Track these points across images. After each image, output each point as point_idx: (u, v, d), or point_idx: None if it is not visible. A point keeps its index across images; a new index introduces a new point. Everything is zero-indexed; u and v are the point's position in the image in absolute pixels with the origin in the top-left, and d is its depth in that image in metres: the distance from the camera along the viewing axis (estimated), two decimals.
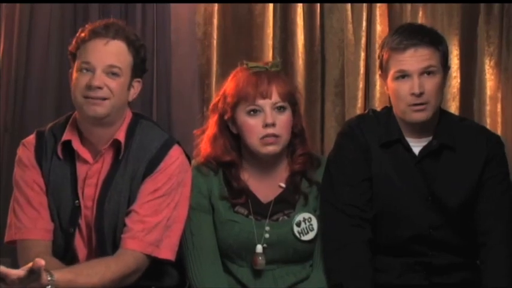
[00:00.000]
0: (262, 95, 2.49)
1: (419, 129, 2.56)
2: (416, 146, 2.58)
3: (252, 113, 2.51)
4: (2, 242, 2.57)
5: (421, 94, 2.49)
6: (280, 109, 2.52)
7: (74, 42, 2.46)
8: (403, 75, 2.50)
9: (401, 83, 2.51)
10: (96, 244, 2.46)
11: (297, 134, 2.60)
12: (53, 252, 2.46)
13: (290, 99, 2.54)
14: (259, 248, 2.52)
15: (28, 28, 3.63)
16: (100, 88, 2.38)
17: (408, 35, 2.51)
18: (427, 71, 2.50)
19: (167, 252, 2.44)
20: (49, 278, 2.15)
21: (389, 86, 2.55)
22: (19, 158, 2.52)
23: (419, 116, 2.51)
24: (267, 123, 2.49)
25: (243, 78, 2.53)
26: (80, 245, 2.48)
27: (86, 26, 2.48)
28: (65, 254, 2.47)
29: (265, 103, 2.50)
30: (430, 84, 2.50)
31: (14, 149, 2.65)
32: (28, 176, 2.49)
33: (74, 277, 2.26)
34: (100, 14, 3.53)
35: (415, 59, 2.49)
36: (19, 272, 2.07)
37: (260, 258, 2.52)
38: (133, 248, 2.39)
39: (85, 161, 2.47)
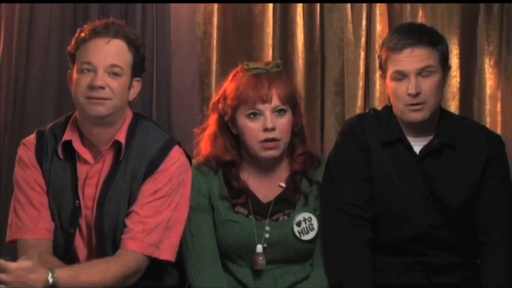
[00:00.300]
0: (262, 100, 2.49)
1: (419, 128, 2.56)
2: (417, 145, 2.58)
3: (252, 116, 2.50)
4: (2, 242, 2.57)
5: (417, 94, 2.48)
6: (281, 112, 2.51)
7: (73, 42, 2.45)
8: (400, 75, 2.50)
9: (399, 83, 2.51)
10: (96, 244, 2.46)
11: (297, 133, 2.59)
12: (54, 252, 2.47)
13: (290, 101, 2.54)
14: (259, 248, 2.52)
15: (28, 28, 3.62)
16: (102, 88, 2.38)
17: (406, 34, 2.51)
18: (424, 71, 2.50)
19: (167, 253, 2.44)
20: (50, 274, 2.19)
21: (388, 85, 2.56)
22: (19, 157, 2.53)
23: (417, 116, 2.51)
24: (266, 128, 2.49)
25: (243, 80, 2.52)
26: (80, 245, 2.49)
27: (85, 26, 2.47)
28: (65, 254, 2.47)
29: (265, 107, 2.49)
30: (427, 84, 2.50)
31: (14, 149, 2.65)
32: (29, 176, 2.49)
33: (75, 274, 2.28)
34: (100, 14, 3.53)
35: (412, 59, 2.49)
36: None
37: (260, 258, 2.52)
38: (134, 249, 2.39)
39: (85, 161, 2.47)
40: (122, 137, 2.46)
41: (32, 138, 2.53)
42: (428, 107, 2.52)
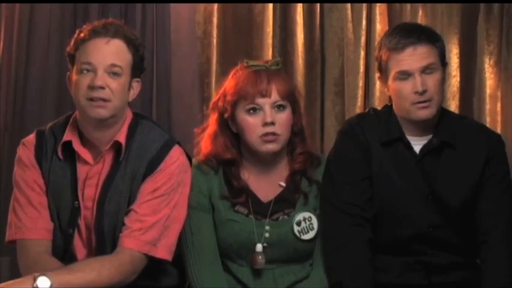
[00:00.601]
0: (262, 94, 2.49)
1: (421, 127, 2.56)
2: (417, 144, 2.58)
3: (251, 111, 2.51)
4: (2, 242, 2.57)
5: (424, 92, 2.49)
6: (280, 107, 2.52)
7: (72, 43, 2.45)
8: (404, 74, 2.50)
9: (404, 83, 2.51)
10: (96, 244, 2.45)
11: (296, 133, 2.60)
12: (52, 252, 2.46)
13: (290, 97, 2.54)
14: (259, 247, 2.52)
15: (28, 28, 3.63)
16: (102, 88, 2.37)
17: (404, 34, 2.51)
18: (428, 69, 2.50)
19: (164, 252, 2.43)
20: (39, 280, 2.18)
21: (391, 86, 2.55)
22: (19, 157, 2.52)
23: (425, 113, 2.51)
24: (266, 122, 2.49)
25: (243, 76, 2.53)
26: (79, 246, 2.48)
27: (84, 26, 2.47)
28: (64, 255, 2.47)
29: (264, 102, 2.50)
30: (431, 81, 2.51)
31: (14, 149, 2.65)
32: (28, 176, 2.48)
33: (69, 273, 2.27)
34: (100, 14, 3.54)
35: (414, 57, 2.49)
36: None
37: (260, 257, 2.52)
38: (130, 246, 2.39)
39: (85, 162, 2.46)
40: (122, 137, 2.46)
41: (31, 138, 2.52)
42: (434, 104, 2.52)
